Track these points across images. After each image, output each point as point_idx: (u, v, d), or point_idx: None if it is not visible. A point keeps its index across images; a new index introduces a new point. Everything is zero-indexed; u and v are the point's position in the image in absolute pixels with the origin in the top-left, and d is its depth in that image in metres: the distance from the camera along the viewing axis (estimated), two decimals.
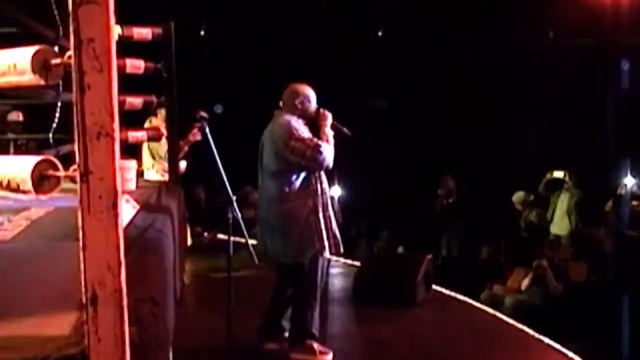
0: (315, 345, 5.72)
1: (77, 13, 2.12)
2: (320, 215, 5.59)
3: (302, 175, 5.56)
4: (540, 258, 9.83)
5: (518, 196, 11.58)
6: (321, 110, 5.74)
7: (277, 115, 5.80)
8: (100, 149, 2.14)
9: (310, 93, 5.76)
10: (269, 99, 9.15)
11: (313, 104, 5.74)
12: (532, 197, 11.64)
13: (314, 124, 5.72)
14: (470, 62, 13.78)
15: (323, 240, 5.58)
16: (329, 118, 5.73)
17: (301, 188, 5.56)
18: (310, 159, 5.47)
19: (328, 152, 5.53)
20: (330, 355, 5.76)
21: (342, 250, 5.78)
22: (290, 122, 5.58)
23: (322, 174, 5.67)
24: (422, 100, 14.02)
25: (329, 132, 5.68)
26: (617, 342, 8.23)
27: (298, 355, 5.71)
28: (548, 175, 11.65)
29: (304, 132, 5.59)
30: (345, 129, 5.79)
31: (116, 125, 2.16)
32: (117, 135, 2.15)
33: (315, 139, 5.56)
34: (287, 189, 5.54)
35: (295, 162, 5.51)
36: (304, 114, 5.70)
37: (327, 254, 5.63)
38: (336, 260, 9.01)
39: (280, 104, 5.88)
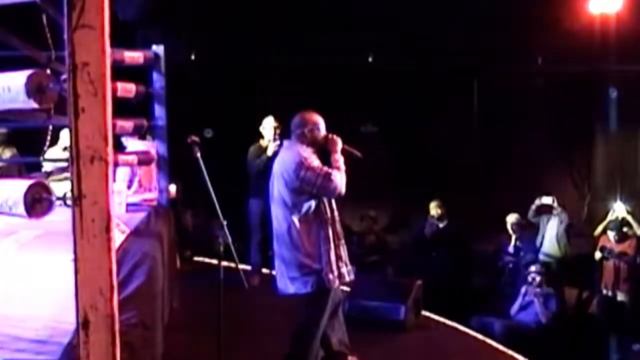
0: None
1: (73, 37, 2.12)
2: (332, 244, 5.56)
3: (313, 204, 5.50)
4: (529, 284, 9.84)
5: (512, 218, 11.57)
6: (330, 135, 5.72)
7: (287, 145, 5.77)
8: (94, 173, 2.14)
9: (319, 120, 5.72)
10: (255, 123, 9.23)
11: (322, 131, 5.72)
12: (524, 221, 11.64)
13: (324, 151, 5.68)
14: (457, 88, 13.84)
15: (334, 271, 5.54)
16: (339, 143, 5.71)
17: (313, 217, 5.51)
18: (321, 187, 5.43)
19: (339, 179, 5.50)
20: None
21: (352, 277, 5.73)
22: (300, 152, 5.53)
23: (333, 202, 5.64)
24: (411, 125, 14.02)
25: (340, 158, 5.66)
26: None
27: None
28: (537, 201, 11.67)
29: (314, 160, 5.53)
30: (356, 152, 5.78)
31: (110, 149, 2.16)
32: (110, 159, 2.15)
33: (326, 167, 5.52)
34: (298, 219, 5.49)
35: (307, 191, 5.46)
36: (313, 142, 5.65)
37: (337, 283, 5.59)
38: None
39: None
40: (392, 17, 12.26)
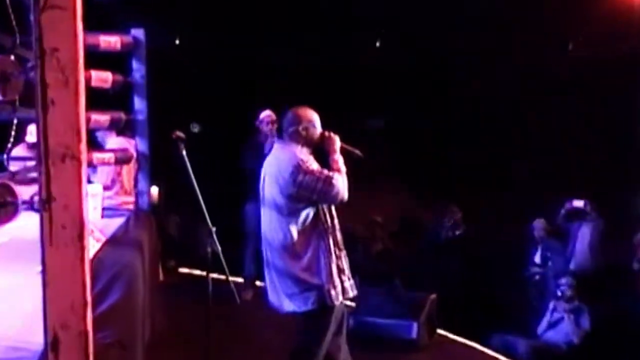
0: None
1: (40, 19, 2.12)
2: (334, 255, 5.53)
3: (312, 212, 5.47)
4: (558, 298, 9.82)
5: (538, 224, 11.53)
6: (327, 133, 5.67)
7: (279, 145, 5.74)
8: (66, 172, 2.13)
9: (314, 117, 5.65)
10: (252, 117, 9.23)
11: (318, 129, 5.68)
12: (552, 227, 11.60)
13: (321, 151, 5.65)
14: (477, 78, 13.81)
15: (336, 286, 5.51)
16: (337, 141, 5.68)
17: (311, 226, 5.47)
18: (321, 193, 5.39)
19: (341, 183, 5.45)
20: None
21: (356, 292, 5.71)
22: (296, 154, 5.49)
23: (333, 208, 5.61)
24: (423, 119, 14.02)
25: (340, 159, 5.64)
26: None
27: None
28: (567, 205, 11.65)
29: (312, 163, 5.49)
30: (356, 151, 5.75)
31: (83, 146, 2.15)
32: (84, 157, 2.15)
33: (326, 170, 5.48)
34: (294, 228, 5.46)
35: (305, 198, 5.43)
36: (309, 141, 5.61)
37: (339, 300, 5.56)
38: None
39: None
40: (392, 17, 12.35)
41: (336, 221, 5.63)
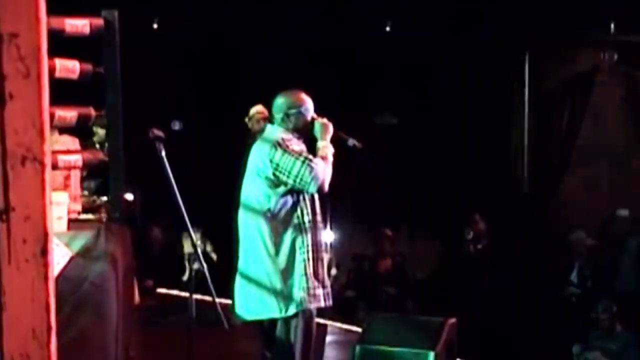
0: None
1: None
2: (309, 255, 5.62)
3: (290, 201, 5.64)
4: (596, 326, 9.76)
5: (576, 236, 11.49)
6: (319, 119, 5.79)
7: (267, 131, 5.86)
8: (26, 178, 2.13)
9: (306, 101, 5.88)
10: (240, 111, 9.22)
11: (309, 114, 5.79)
12: (593, 241, 11.56)
13: (314, 139, 5.77)
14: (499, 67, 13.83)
15: (309, 289, 5.62)
16: (330, 128, 5.79)
17: (287, 218, 5.64)
18: (297, 177, 5.54)
19: (321, 168, 5.60)
20: None
21: (330, 303, 5.80)
22: (281, 135, 5.72)
23: (317, 204, 5.70)
24: (439, 115, 13.97)
25: (328, 147, 5.78)
26: None
27: None
28: (610, 215, 11.63)
29: (295, 144, 5.69)
30: (352, 140, 5.83)
31: (47, 147, 2.15)
32: (48, 160, 2.15)
33: (310, 155, 5.64)
34: (270, 219, 5.61)
35: (282, 182, 5.59)
36: (299, 128, 5.81)
37: (314, 305, 5.65)
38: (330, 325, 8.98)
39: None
40: None
41: (319, 218, 5.73)
